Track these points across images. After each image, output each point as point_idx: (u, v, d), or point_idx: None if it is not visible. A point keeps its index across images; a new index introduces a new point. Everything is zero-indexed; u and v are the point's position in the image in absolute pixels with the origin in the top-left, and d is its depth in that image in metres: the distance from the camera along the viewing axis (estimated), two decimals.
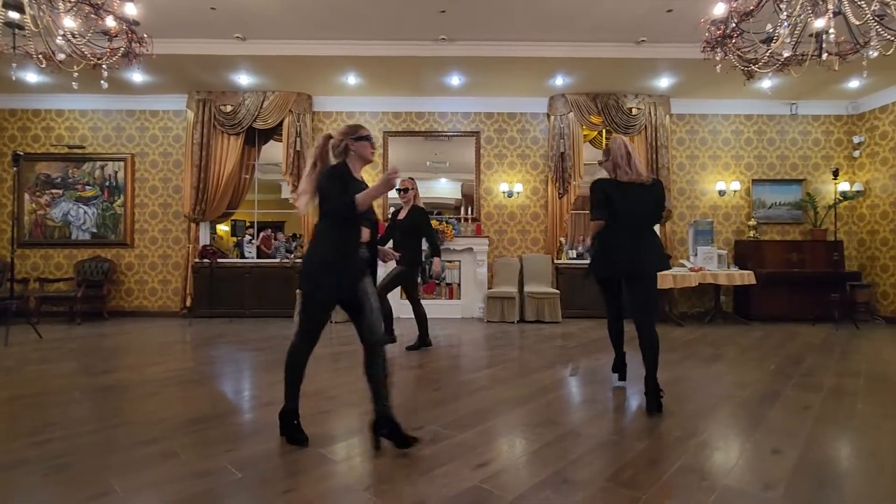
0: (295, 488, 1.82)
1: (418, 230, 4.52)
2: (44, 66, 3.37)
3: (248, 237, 8.16)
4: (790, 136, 7.43)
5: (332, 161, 2.38)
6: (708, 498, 1.74)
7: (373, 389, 2.19)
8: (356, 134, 2.35)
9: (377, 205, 7.07)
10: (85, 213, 7.14)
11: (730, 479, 1.91)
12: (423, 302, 4.76)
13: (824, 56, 3.28)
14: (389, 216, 4.85)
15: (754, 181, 7.38)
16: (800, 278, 6.71)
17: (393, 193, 4.62)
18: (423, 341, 4.69)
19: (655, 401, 2.70)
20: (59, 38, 3.07)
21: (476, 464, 2.04)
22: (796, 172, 7.42)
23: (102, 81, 3.55)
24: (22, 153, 5.65)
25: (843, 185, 7.15)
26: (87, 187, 7.15)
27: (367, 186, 2.31)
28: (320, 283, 2.21)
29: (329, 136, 2.38)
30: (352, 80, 6.57)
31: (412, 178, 4.64)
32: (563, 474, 1.94)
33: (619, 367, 3.36)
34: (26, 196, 7.06)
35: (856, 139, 7.29)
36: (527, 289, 6.74)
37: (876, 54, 3.19)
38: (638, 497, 1.75)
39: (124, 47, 3.40)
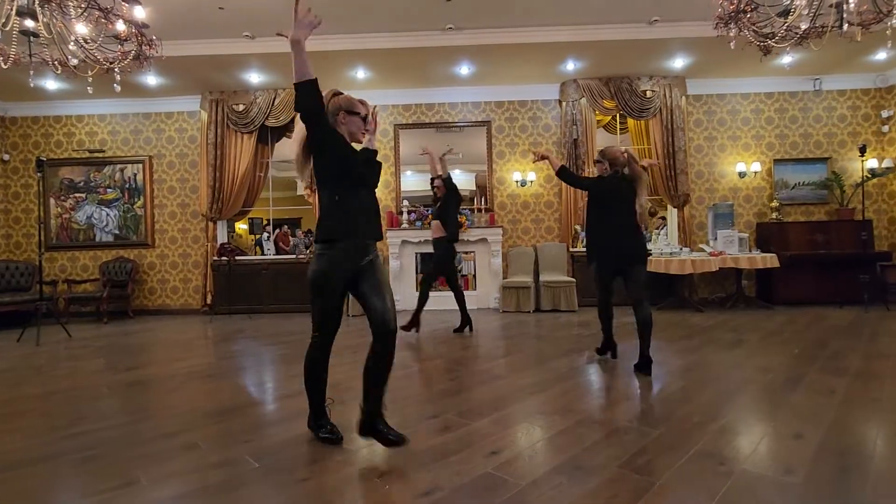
0: (311, 477, 1.85)
1: None
2: (59, 72, 3.47)
3: (265, 234, 8.29)
4: (814, 112, 7.17)
5: None
6: (724, 483, 1.71)
7: None
8: None
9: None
10: (107, 215, 7.35)
11: (748, 463, 1.87)
12: (435, 293, 4.92)
13: (845, 27, 3.14)
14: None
15: (776, 161, 7.15)
16: (826, 260, 6.50)
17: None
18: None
19: None
20: (72, 43, 3.14)
21: (490, 451, 2.05)
22: (821, 151, 7.16)
23: (115, 85, 3.63)
24: (45, 159, 5.83)
25: (872, 162, 6.89)
26: (108, 190, 7.35)
27: None
28: None
29: None
30: (360, 74, 6.57)
31: None
32: (577, 461, 1.93)
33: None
34: (52, 200, 7.29)
35: (884, 113, 6.99)
36: (542, 278, 6.70)
37: None
38: (652, 482, 1.73)
39: (135, 50, 3.47)
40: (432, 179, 5.03)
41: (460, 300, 5.02)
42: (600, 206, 3.40)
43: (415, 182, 7.50)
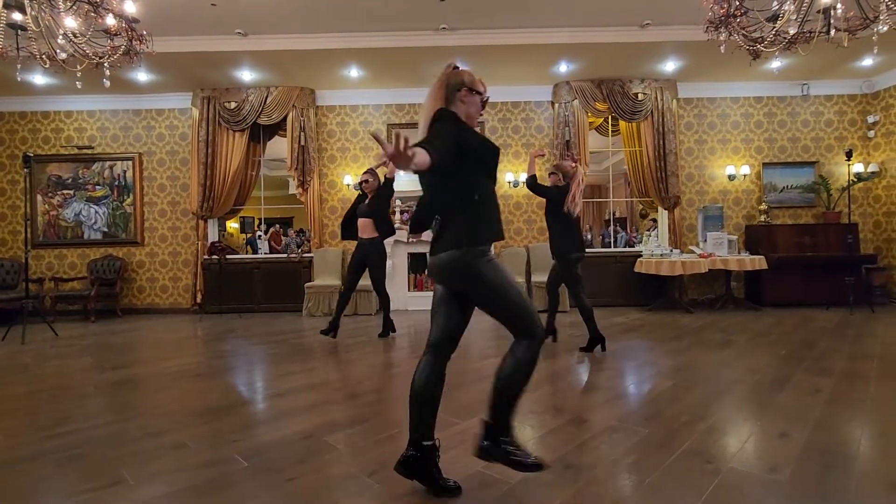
0: (300, 476, 1.84)
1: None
2: (47, 66, 3.42)
3: (259, 233, 8.25)
4: (802, 117, 7.27)
5: None
6: (712, 481, 1.73)
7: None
8: None
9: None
10: (96, 212, 7.25)
11: (735, 462, 1.90)
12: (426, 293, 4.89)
13: (832, 32, 3.19)
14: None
15: (765, 165, 7.24)
16: (813, 262, 6.59)
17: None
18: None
19: None
20: (61, 37, 3.10)
21: None
22: (808, 155, 7.26)
23: (105, 80, 3.59)
24: (32, 155, 5.75)
25: (858, 167, 7.00)
26: (97, 187, 7.25)
27: None
28: None
29: None
30: (354, 73, 6.56)
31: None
32: (567, 459, 1.94)
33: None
34: (39, 197, 7.18)
35: (870, 119, 7.11)
36: (534, 278, 6.72)
37: (886, 28, 3.09)
38: (641, 480, 1.75)
39: (125, 45, 3.43)
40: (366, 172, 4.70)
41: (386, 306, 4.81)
42: (558, 212, 3.88)
43: (407, 182, 7.48)
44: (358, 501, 1.65)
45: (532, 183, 3.99)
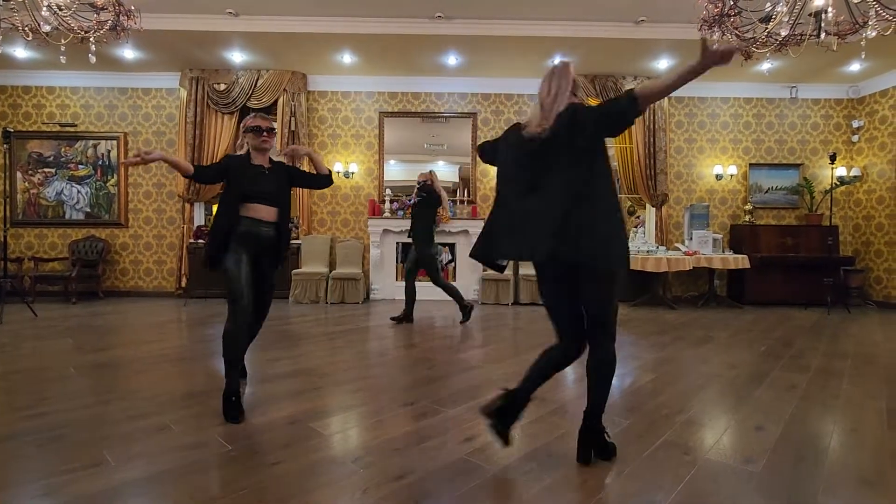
0: (284, 460, 1.85)
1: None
2: (30, 39, 3.30)
3: None
4: (789, 119, 7.37)
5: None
6: (689, 471, 1.78)
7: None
8: None
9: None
10: (78, 192, 7.09)
11: (712, 453, 1.95)
12: (417, 284, 5.10)
13: (823, 36, 3.24)
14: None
15: (751, 165, 7.35)
16: (794, 263, 6.74)
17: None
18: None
19: None
20: (45, 9, 3.00)
21: (464, 438, 2.07)
22: (794, 157, 7.38)
23: (90, 55, 3.48)
24: (12, 130, 5.58)
25: (841, 170, 7.14)
26: (79, 166, 7.08)
27: None
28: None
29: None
30: (347, 58, 6.47)
31: None
32: (549, 448, 1.97)
33: None
34: (18, 175, 7.00)
35: (855, 123, 7.23)
36: (522, 271, 6.76)
37: (874, 34, 3.15)
38: (621, 470, 1.79)
39: (112, 21, 3.34)
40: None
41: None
42: None
43: (398, 171, 7.46)
44: (342, 487, 1.66)
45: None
